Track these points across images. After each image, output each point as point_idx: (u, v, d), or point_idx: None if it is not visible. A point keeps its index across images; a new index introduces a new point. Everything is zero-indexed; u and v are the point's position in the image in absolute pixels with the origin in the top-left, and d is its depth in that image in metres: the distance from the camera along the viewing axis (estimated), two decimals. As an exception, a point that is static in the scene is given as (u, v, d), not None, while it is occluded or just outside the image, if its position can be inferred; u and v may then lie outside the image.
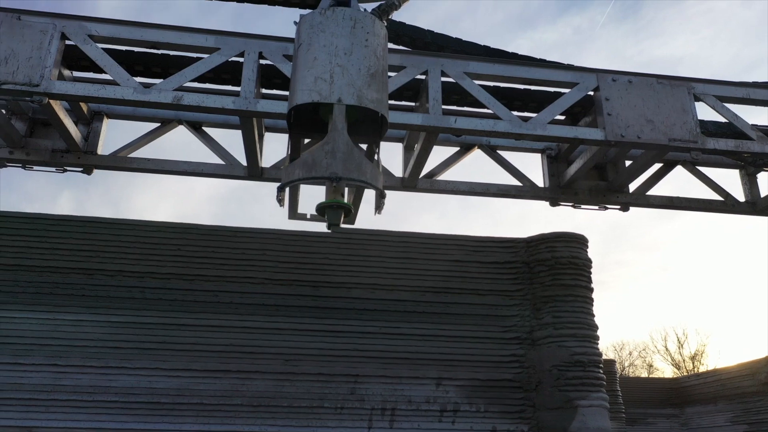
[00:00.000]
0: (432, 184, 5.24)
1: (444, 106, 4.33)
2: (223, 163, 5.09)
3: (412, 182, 5.07)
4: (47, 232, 3.16)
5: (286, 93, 4.87)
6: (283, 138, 5.44)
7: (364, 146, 4.32)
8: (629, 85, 4.57)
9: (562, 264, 3.27)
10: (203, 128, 5.24)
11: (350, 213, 3.85)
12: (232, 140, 5.29)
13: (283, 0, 4.64)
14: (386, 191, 5.31)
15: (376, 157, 4.24)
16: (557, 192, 5.38)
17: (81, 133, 4.89)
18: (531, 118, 4.40)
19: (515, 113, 4.50)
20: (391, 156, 5.45)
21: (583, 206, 5.42)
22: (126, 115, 5.14)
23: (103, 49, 4.20)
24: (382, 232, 3.29)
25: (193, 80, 4.22)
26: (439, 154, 5.07)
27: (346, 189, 4.48)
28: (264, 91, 4.69)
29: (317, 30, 4.02)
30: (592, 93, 4.58)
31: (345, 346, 3.09)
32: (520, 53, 4.56)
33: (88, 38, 4.13)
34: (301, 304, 3.18)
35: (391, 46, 4.67)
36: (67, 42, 4.17)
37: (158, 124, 5.17)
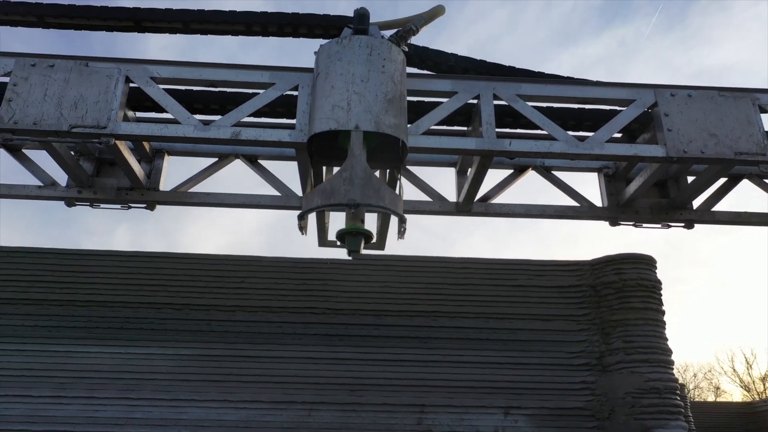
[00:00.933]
0: (487, 208, 5.19)
1: (497, 129, 4.30)
2: (278, 194, 5.18)
3: (466, 206, 5.04)
4: (117, 268, 3.27)
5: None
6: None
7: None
8: (689, 99, 4.44)
9: (631, 286, 3.16)
10: (259, 161, 5.37)
11: (371, 239, 3.82)
12: (285, 171, 5.39)
13: (322, 32, 4.76)
14: (441, 215, 5.32)
15: (398, 182, 4.23)
16: (617, 211, 5.24)
17: (144, 171, 5.07)
18: (587, 137, 4.32)
19: (570, 133, 4.43)
20: (445, 181, 5.44)
21: (644, 225, 5.25)
22: (186, 152, 5.32)
23: (164, 89, 4.37)
24: (442, 259, 3.27)
25: (249, 115, 4.34)
26: (492, 176, 5.03)
27: (376, 216, 4.47)
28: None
29: (334, 59, 4.10)
30: (649, 109, 4.47)
31: (410, 376, 3.06)
32: (556, 72, 4.51)
33: (150, 80, 4.32)
34: (363, 333, 3.18)
35: (412, 71, 4.71)
36: (131, 84, 4.36)
37: (216, 159, 5.32)
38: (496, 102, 4.39)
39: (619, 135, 4.88)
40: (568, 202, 5.38)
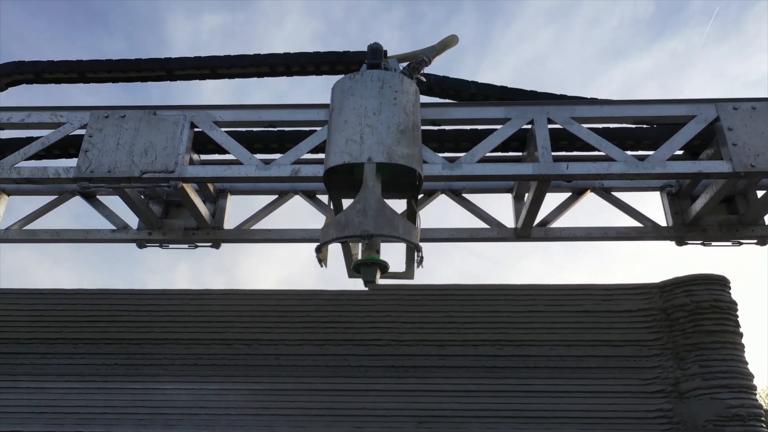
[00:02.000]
0: (546, 233, 5.12)
1: (553, 153, 4.27)
2: (337, 227, 5.28)
3: (526, 232, 4.99)
4: (189, 306, 3.40)
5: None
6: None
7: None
8: (753, 112, 4.29)
9: (704, 309, 3.06)
10: (317, 196, 5.49)
11: (386, 270, 3.83)
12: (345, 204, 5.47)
13: (343, 69, 4.88)
14: (500, 242, 5.28)
15: (416, 211, 4.23)
16: (683, 230, 5.06)
17: (209, 211, 5.27)
18: (647, 156, 4.23)
19: (629, 153, 4.35)
20: (501, 207, 5.40)
21: (714, 243, 5.05)
22: (247, 191, 5.50)
23: (226, 132, 4.56)
24: (505, 286, 3.25)
25: (308, 152, 4.47)
26: (550, 200, 4.97)
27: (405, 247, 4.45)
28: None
29: (347, 94, 4.19)
30: (711, 124, 4.35)
31: (477, 406, 3.04)
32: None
33: (213, 124, 4.52)
34: (428, 364, 3.18)
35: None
36: (196, 129, 4.58)
37: (276, 196, 5.48)
38: (550, 126, 4.37)
39: (680, 152, 4.75)
40: (630, 222, 5.25)
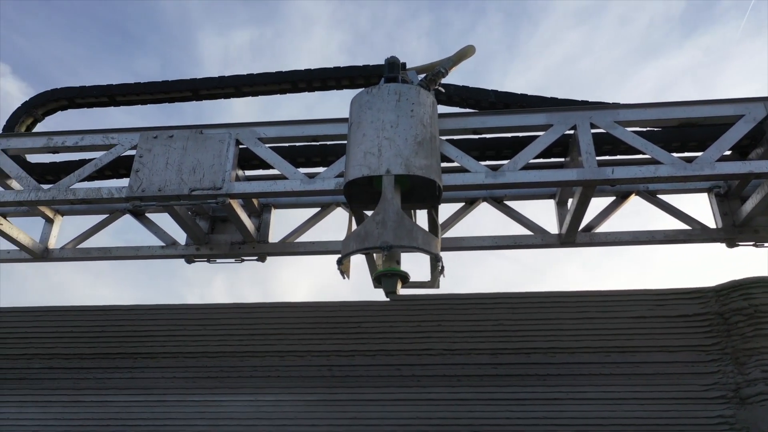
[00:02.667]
0: (592, 238, 5.07)
1: (597, 158, 4.24)
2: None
3: (570, 237, 4.94)
4: (243, 319, 3.47)
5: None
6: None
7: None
8: (804, 109, 4.19)
9: (764, 312, 2.99)
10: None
11: (407, 280, 3.87)
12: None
13: (363, 82, 4.96)
14: (544, 248, 5.24)
15: (436, 221, 4.25)
16: (733, 232, 4.95)
17: (254, 225, 5.37)
18: (695, 158, 4.16)
19: (675, 155, 4.28)
20: (545, 213, 5.36)
21: (767, 244, 4.93)
22: (291, 204, 5.60)
23: (270, 147, 4.66)
24: (557, 294, 3.24)
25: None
26: (594, 205, 4.91)
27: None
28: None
29: (365, 108, 4.27)
30: (761, 123, 4.26)
31: (532, 415, 3.02)
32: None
33: (258, 141, 4.63)
34: (481, 372, 3.18)
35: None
36: (241, 146, 4.69)
37: (318, 209, 5.55)
38: (593, 131, 4.34)
39: (728, 152, 4.66)
40: (677, 225, 5.15)
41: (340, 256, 3.85)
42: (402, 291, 3.87)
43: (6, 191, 4.78)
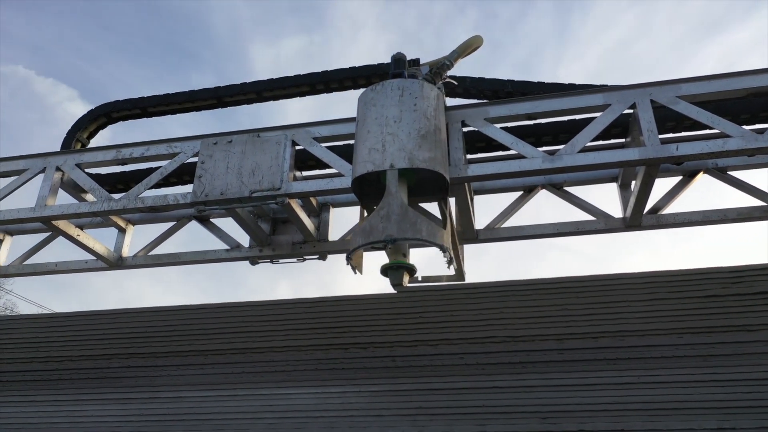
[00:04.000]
0: (658, 220, 4.87)
1: (660, 136, 4.08)
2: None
3: (635, 221, 4.77)
4: (306, 314, 3.54)
5: (486, 155, 5.02)
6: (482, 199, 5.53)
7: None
8: None
9: None
10: (419, 205, 5.55)
11: (414, 272, 3.86)
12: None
13: (379, 80, 4.96)
14: (608, 233, 5.08)
15: (447, 213, 4.20)
16: (815, 206, 4.65)
17: (314, 224, 5.46)
18: (766, 129, 3.93)
19: (745, 127, 4.06)
20: (608, 198, 5.20)
21: None
22: (348, 202, 5.67)
23: (325, 147, 4.73)
24: (624, 275, 3.14)
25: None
26: (659, 186, 4.72)
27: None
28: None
29: (369, 105, 4.32)
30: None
31: (603, 400, 2.93)
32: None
33: (313, 141, 4.70)
34: (547, 359, 3.12)
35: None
36: (297, 147, 4.78)
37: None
38: (654, 108, 4.18)
39: (804, 121, 4.38)
40: (751, 202, 4.89)
41: (348, 252, 3.91)
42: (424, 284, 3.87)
43: (81, 203, 5.04)
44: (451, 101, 4.93)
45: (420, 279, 5.27)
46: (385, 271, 3.86)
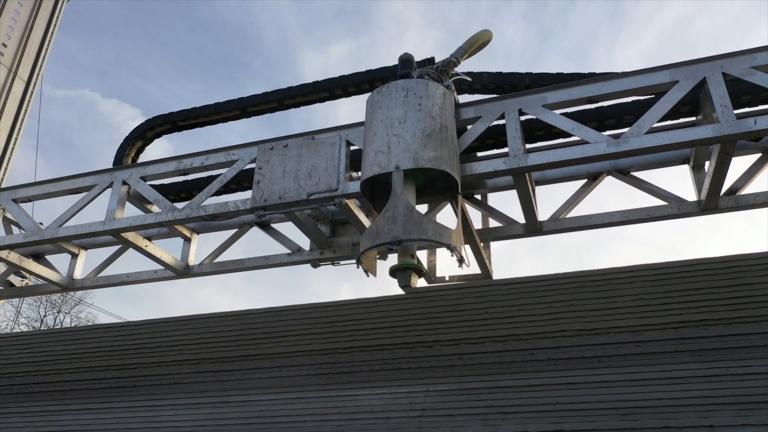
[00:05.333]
0: (737, 201, 4.56)
1: (735, 111, 3.81)
2: (500, 225, 5.17)
3: (711, 203, 4.49)
4: (368, 313, 3.49)
5: (550, 142, 4.85)
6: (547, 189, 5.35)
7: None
8: None
9: None
10: (474, 196, 5.43)
11: (423, 274, 3.85)
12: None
13: None
14: (682, 217, 4.81)
15: (458, 210, 4.13)
16: None
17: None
18: None
19: (831, 96, 3.75)
20: (679, 181, 4.90)
21: None
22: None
23: (379, 145, 4.68)
24: (705, 260, 2.93)
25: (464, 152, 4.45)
26: (735, 165, 4.42)
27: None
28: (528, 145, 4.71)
29: (375, 108, 4.33)
30: None
31: (687, 394, 2.75)
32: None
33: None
34: (624, 352, 2.96)
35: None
36: (352, 147, 4.76)
37: (426, 204, 5.51)
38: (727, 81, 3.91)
39: None
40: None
41: (358, 255, 3.91)
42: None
43: (147, 215, 5.19)
44: (470, 97, 4.94)
45: (447, 278, 5.24)
46: (393, 272, 3.85)
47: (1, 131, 7.71)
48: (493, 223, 5.30)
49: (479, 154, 4.85)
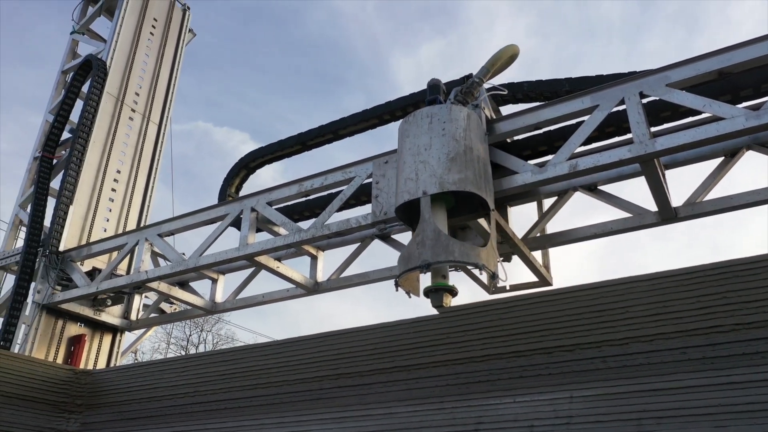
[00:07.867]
0: None
1: None
2: (629, 215, 4.88)
3: None
4: (502, 320, 3.43)
5: (678, 123, 4.52)
6: (686, 170, 4.98)
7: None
8: None
9: None
10: (598, 187, 5.18)
11: (455, 294, 3.91)
12: (626, 192, 5.07)
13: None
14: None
15: (491, 228, 4.12)
16: None
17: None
18: None
19: None
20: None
21: None
22: (526, 201, 5.47)
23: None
24: (754, 259, 2.61)
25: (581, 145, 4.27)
26: None
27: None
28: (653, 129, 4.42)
29: (404, 137, 4.49)
30: None
31: None
32: None
33: (480, 143, 4.63)
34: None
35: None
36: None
37: (555, 198, 5.32)
38: None
39: None
40: None
41: (395, 280, 4.01)
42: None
43: (276, 238, 5.47)
44: (513, 108, 4.95)
45: (508, 287, 5.26)
46: (427, 293, 3.95)
47: (141, 173, 8.47)
48: (620, 214, 5.01)
49: (595, 144, 4.64)
